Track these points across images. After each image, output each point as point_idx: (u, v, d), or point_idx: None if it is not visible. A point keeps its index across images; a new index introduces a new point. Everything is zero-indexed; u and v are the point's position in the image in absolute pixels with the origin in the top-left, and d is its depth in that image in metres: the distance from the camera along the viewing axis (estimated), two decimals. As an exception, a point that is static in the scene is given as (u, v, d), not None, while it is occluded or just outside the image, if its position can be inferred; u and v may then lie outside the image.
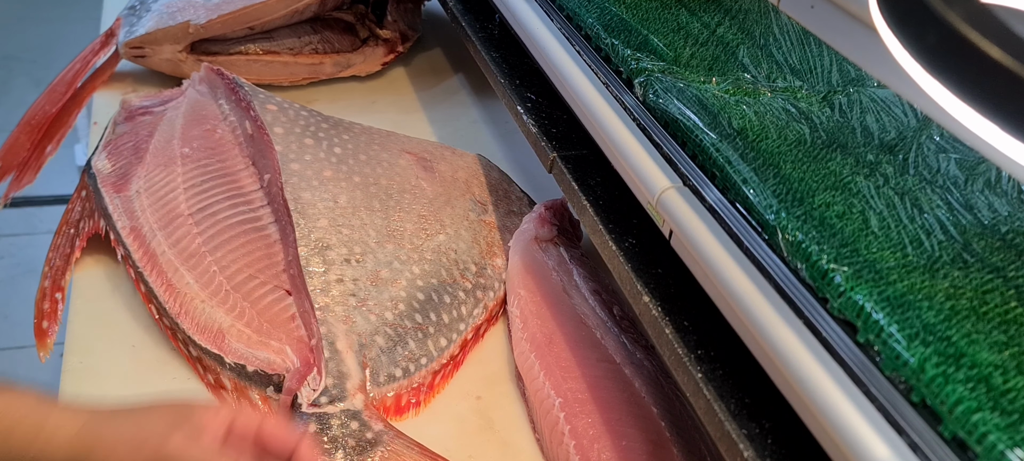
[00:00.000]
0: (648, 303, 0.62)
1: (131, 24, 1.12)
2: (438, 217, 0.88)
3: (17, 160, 1.04)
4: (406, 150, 0.96)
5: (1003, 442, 0.39)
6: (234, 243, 0.81)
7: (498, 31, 1.00)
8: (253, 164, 0.89)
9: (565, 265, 0.86)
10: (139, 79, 1.15)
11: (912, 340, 0.45)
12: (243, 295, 0.77)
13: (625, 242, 0.68)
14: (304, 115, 0.93)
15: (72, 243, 0.85)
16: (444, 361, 0.78)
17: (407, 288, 0.80)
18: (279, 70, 1.17)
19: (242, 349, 0.73)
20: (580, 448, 0.69)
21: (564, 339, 0.78)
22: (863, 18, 0.50)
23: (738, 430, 0.52)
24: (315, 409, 0.69)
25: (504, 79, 0.91)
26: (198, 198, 0.84)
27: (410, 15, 1.30)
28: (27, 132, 1.06)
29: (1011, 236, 0.54)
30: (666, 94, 0.68)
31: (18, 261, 2.04)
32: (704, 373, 0.56)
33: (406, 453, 0.68)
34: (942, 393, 0.42)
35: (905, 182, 0.59)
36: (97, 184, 0.87)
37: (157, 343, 0.78)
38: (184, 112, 0.94)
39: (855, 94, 0.70)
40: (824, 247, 0.52)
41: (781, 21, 0.81)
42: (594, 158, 0.77)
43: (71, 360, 0.76)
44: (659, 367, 0.76)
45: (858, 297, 0.48)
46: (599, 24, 0.79)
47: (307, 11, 1.16)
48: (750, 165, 0.60)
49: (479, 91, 1.25)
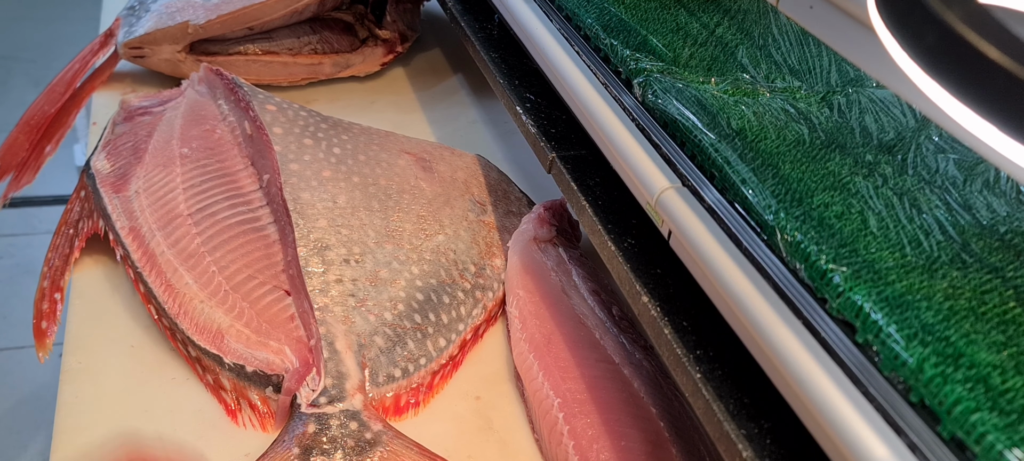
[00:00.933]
0: (647, 303, 0.62)
1: (130, 24, 1.12)
2: (437, 217, 0.88)
3: (16, 160, 1.04)
4: (405, 150, 0.96)
5: (1002, 442, 0.39)
6: (233, 243, 0.81)
7: (497, 31, 1.00)
8: (252, 164, 0.89)
9: (564, 265, 0.86)
10: (138, 79, 1.15)
11: (911, 340, 0.45)
12: (242, 295, 0.77)
13: (624, 242, 0.68)
14: (303, 115, 0.93)
15: (71, 243, 0.85)
16: (443, 361, 0.78)
17: (406, 288, 0.80)
18: (278, 70, 1.17)
19: (241, 349, 0.73)
20: (579, 448, 0.69)
21: (563, 339, 0.78)
22: (861, 18, 0.50)
23: (737, 430, 0.52)
24: (314, 409, 0.69)
25: (503, 79, 0.91)
26: (197, 198, 0.84)
27: (409, 15, 1.30)
28: (26, 132, 1.06)
29: (1010, 236, 0.54)
30: (665, 94, 0.68)
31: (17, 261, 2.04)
32: (703, 373, 0.56)
33: (405, 453, 0.68)
34: (941, 393, 0.42)
35: (904, 182, 0.59)
36: (96, 184, 0.87)
37: (156, 343, 0.78)
38: (183, 112, 0.94)
39: (854, 94, 0.70)
40: (823, 247, 0.52)
41: (780, 21, 0.81)
42: (593, 158, 0.77)
43: (70, 360, 0.75)
44: (658, 367, 0.76)
45: (857, 297, 0.48)
46: (598, 24, 0.79)
47: (306, 11, 1.16)
48: (749, 165, 0.60)
49: (478, 91, 1.25)
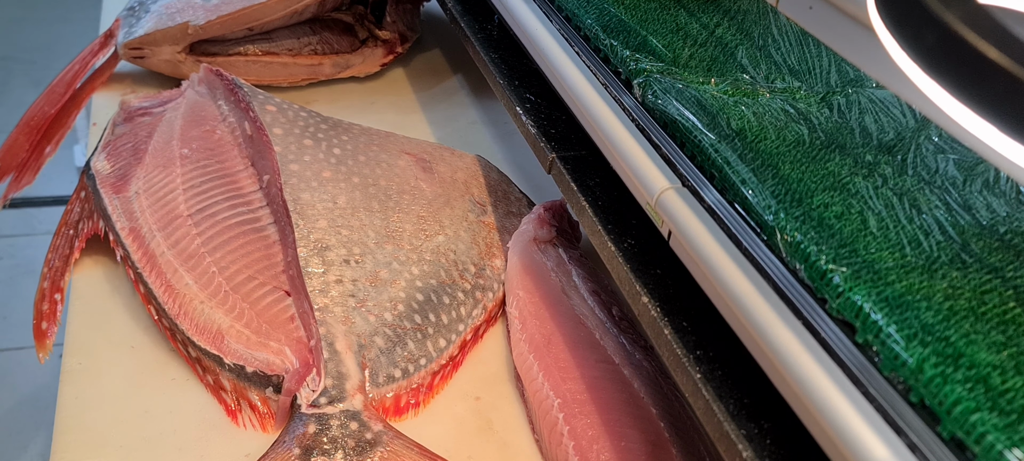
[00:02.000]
0: (647, 303, 0.62)
1: (130, 25, 1.12)
2: (437, 218, 0.88)
3: (16, 161, 1.04)
4: (405, 151, 0.96)
5: (1001, 442, 0.40)
6: (233, 244, 0.81)
7: (497, 32, 1.00)
8: (252, 165, 0.89)
9: (564, 266, 0.86)
10: (138, 80, 1.15)
11: (911, 340, 0.45)
12: (242, 296, 0.77)
13: (624, 243, 0.68)
14: (303, 116, 0.93)
15: (71, 244, 0.85)
16: (443, 362, 0.78)
17: (406, 289, 0.80)
18: (278, 71, 1.17)
19: (241, 350, 0.73)
20: (579, 448, 0.69)
21: (563, 340, 0.78)
22: (861, 19, 0.50)
23: (737, 430, 0.52)
24: (314, 410, 0.69)
25: (503, 80, 0.91)
26: (197, 199, 0.84)
27: (409, 16, 1.30)
28: (26, 133, 1.06)
29: (1009, 236, 0.54)
30: (665, 95, 0.68)
31: (17, 262, 2.04)
32: (703, 373, 0.56)
33: (405, 453, 0.68)
34: (941, 393, 0.42)
35: (904, 183, 0.59)
36: (96, 185, 0.87)
37: (156, 344, 0.78)
38: (183, 113, 0.94)
39: (854, 95, 0.70)
40: (823, 248, 0.52)
41: (780, 22, 0.81)
42: (593, 159, 0.77)
43: (70, 361, 0.75)
44: (658, 368, 0.76)
45: (857, 297, 0.48)
46: (598, 25, 0.79)
47: (306, 12, 1.16)
48: (749, 166, 0.60)
49: (478, 92, 1.25)
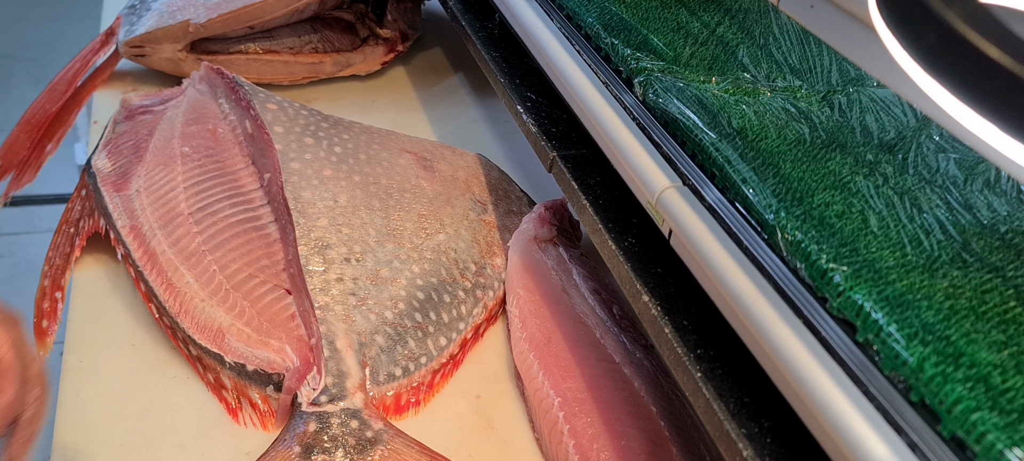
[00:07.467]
0: (647, 302, 0.62)
1: (131, 23, 1.12)
2: (438, 216, 0.88)
3: (17, 159, 1.04)
4: (406, 149, 0.96)
5: (1002, 441, 0.40)
6: (234, 242, 0.81)
7: (498, 30, 1.00)
8: (253, 163, 0.89)
9: (564, 264, 0.86)
10: (139, 78, 1.15)
11: (911, 339, 0.45)
12: (243, 294, 0.77)
13: (624, 241, 0.68)
14: (304, 114, 0.93)
15: (72, 242, 0.85)
16: (444, 360, 0.78)
17: (407, 287, 0.80)
18: (279, 69, 1.17)
19: (242, 348, 0.73)
20: (579, 447, 0.69)
21: (563, 338, 0.78)
22: (862, 18, 0.50)
23: (737, 429, 0.52)
24: (315, 408, 0.69)
25: (504, 78, 0.91)
26: (198, 197, 0.84)
27: (410, 14, 1.30)
28: (27, 131, 1.06)
29: (1010, 236, 0.54)
30: (666, 93, 0.68)
31: (18, 260, 2.04)
32: (703, 372, 0.56)
33: (406, 452, 0.68)
34: (941, 392, 0.42)
35: (904, 182, 0.59)
36: (97, 183, 0.87)
37: (157, 342, 0.78)
38: (184, 111, 0.94)
39: (855, 94, 0.70)
40: (823, 246, 0.52)
41: (781, 21, 0.81)
42: (594, 157, 0.77)
43: (71, 359, 0.76)
44: (658, 366, 0.76)
45: (857, 296, 0.48)
46: (599, 23, 0.79)
47: (307, 10, 1.16)
48: (750, 164, 0.60)
49: (479, 90, 1.25)
